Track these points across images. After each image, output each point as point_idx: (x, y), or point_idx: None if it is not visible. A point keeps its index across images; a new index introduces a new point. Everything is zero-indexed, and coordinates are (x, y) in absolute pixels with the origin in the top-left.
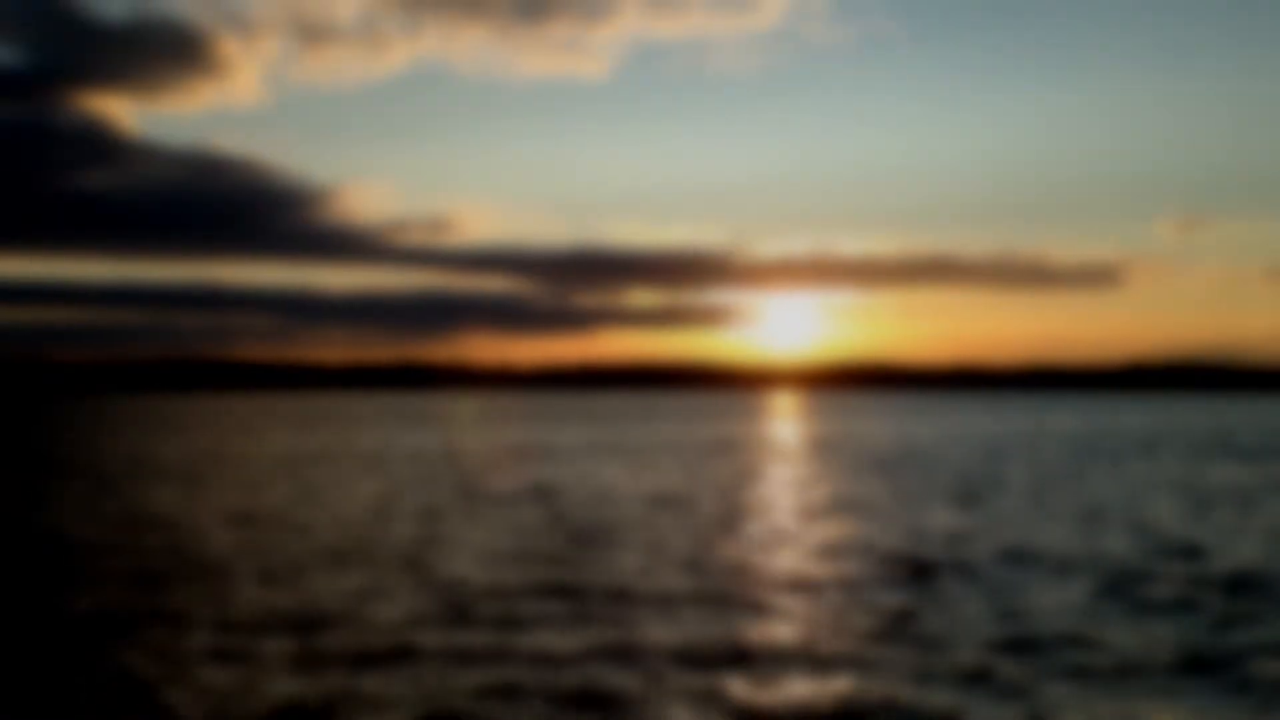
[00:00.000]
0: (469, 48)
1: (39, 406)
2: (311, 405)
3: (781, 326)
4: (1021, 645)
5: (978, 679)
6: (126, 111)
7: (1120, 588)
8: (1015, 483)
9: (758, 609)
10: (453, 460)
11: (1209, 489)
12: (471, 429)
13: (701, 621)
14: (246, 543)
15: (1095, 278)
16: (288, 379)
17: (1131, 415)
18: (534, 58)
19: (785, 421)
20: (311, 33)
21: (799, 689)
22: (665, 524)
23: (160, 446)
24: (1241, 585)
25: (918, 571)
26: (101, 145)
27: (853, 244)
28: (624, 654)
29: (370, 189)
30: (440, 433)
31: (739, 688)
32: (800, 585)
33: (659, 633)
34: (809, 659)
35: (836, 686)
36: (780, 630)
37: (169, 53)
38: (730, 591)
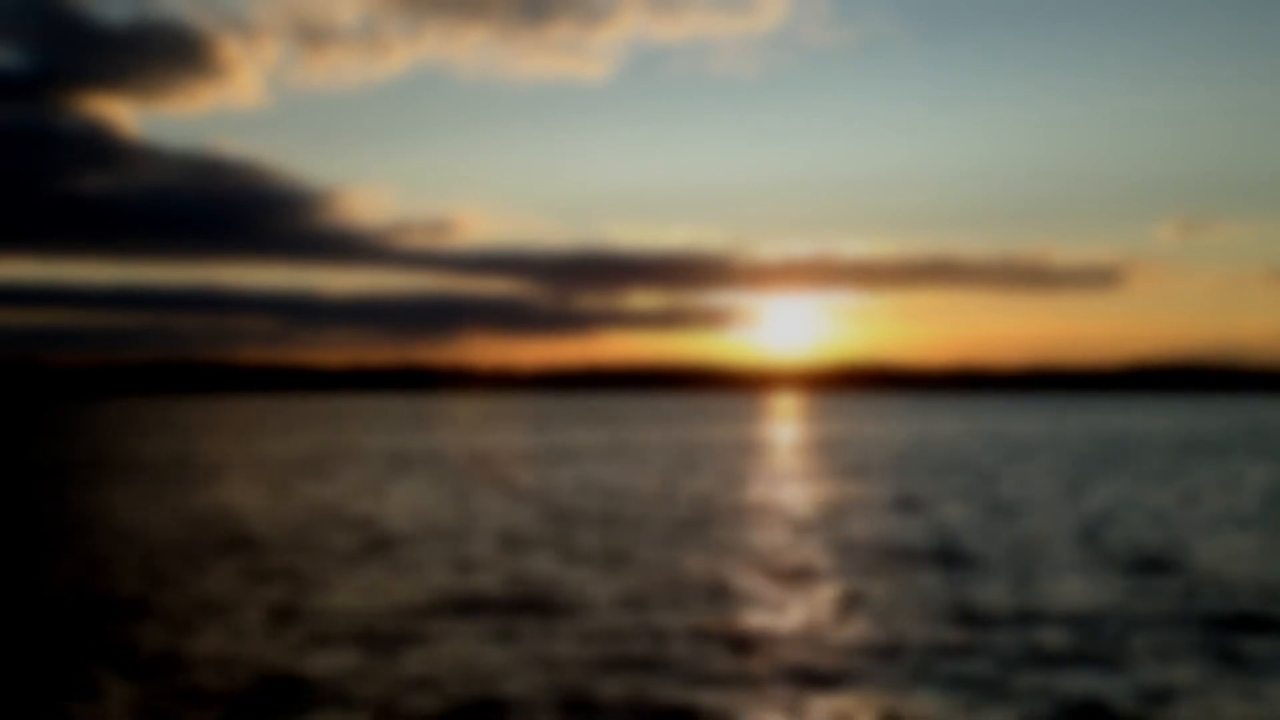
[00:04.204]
0: (469, 50)
1: (39, 410)
2: (313, 408)
3: (782, 328)
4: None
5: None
6: (127, 114)
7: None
8: (1034, 486)
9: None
10: (475, 461)
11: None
12: (480, 430)
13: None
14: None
15: (1096, 279)
16: (288, 381)
17: (1135, 416)
18: (534, 59)
19: (789, 423)
20: (312, 35)
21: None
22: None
23: (178, 448)
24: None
25: (940, 563)
26: (102, 147)
27: (854, 245)
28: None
29: (371, 191)
30: (452, 434)
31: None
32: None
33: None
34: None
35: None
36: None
37: (170, 55)
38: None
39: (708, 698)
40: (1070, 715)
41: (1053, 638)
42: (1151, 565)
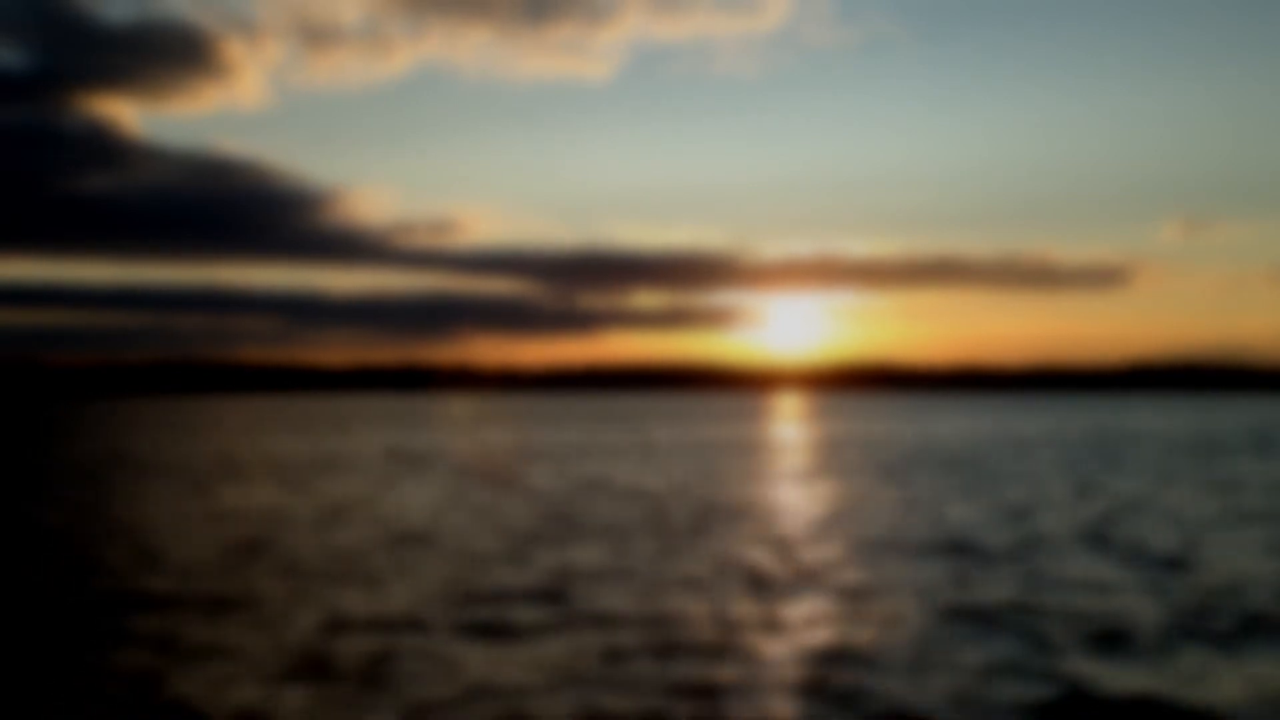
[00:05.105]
0: (472, 50)
1: (39, 410)
2: (316, 408)
3: (786, 328)
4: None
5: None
6: (130, 114)
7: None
8: (1048, 484)
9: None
10: (485, 459)
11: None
12: (487, 429)
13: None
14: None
15: (1100, 279)
16: (291, 381)
17: (1139, 416)
18: (537, 60)
19: (793, 423)
20: (315, 35)
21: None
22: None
23: (186, 448)
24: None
25: (953, 556)
26: (105, 147)
27: (857, 245)
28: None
29: (374, 191)
30: (458, 433)
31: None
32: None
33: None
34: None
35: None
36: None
37: (173, 55)
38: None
39: (725, 683)
40: (1079, 706)
41: (1062, 631)
42: (1160, 562)
